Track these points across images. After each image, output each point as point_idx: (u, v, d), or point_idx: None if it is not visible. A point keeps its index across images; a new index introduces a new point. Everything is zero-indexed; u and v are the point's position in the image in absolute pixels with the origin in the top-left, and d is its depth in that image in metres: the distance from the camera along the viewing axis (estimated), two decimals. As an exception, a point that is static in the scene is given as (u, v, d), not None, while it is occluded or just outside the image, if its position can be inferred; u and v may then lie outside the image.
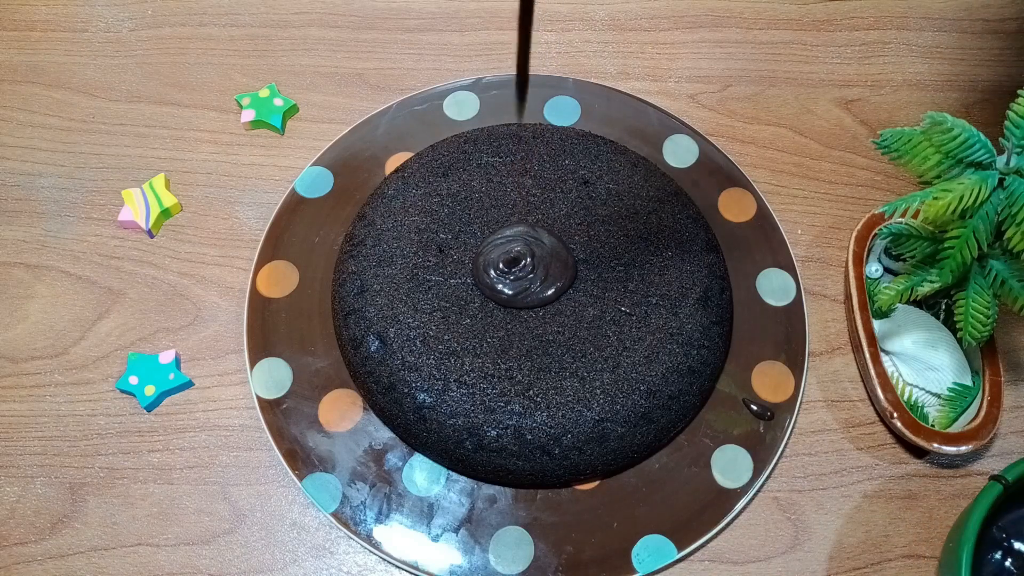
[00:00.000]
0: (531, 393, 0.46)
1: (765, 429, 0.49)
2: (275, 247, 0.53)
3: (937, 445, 0.46)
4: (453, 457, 0.47)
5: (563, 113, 0.58)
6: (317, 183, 0.55)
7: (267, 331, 0.51)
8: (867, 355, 0.48)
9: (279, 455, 0.48)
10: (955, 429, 0.47)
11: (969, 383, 0.49)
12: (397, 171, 0.54)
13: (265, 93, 0.59)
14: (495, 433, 0.46)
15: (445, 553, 0.46)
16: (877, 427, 0.50)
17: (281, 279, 0.53)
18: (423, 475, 0.48)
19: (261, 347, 0.50)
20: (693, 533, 0.46)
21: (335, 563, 0.47)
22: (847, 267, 0.51)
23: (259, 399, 0.49)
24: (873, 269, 0.52)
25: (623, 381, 0.47)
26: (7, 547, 0.46)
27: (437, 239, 0.51)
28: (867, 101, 0.61)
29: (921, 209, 0.40)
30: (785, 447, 0.49)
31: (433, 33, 0.63)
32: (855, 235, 0.52)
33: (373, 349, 0.48)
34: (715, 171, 0.56)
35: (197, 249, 0.55)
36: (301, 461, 0.47)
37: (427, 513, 0.47)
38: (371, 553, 0.47)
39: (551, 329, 0.48)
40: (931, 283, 0.45)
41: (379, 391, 0.48)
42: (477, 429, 0.46)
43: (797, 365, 0.51)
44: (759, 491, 0.48)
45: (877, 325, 0.50)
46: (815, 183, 0.58)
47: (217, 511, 0.47)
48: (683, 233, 0.52)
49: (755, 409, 0.49)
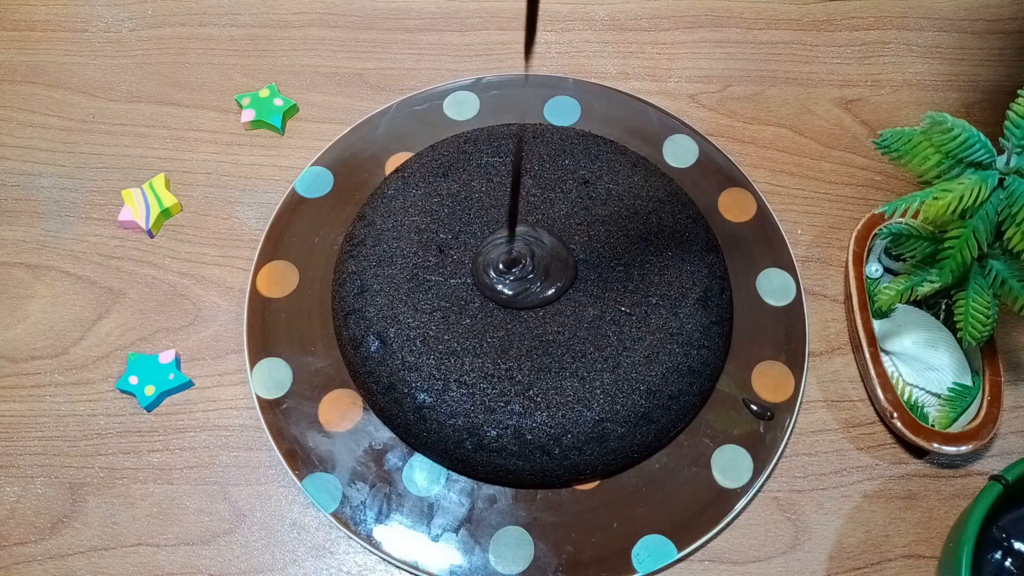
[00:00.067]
0: (531, 393, 0.46)
1: (765, 429, 0.49)
2: (275, 247, 0.53)
3: (937, 445, 0.46)
4: (453, 457, 0.47)
5: (563, 113, 0.58)
6: (317, 183, 0.55)
7: (267, 331, 0.51)
8: (867, 355, 0.48)
9: (279, 455, 0.48)
10: (955, 429, 0.47)
11: (969, 383, 0.49)
12: (397, 171, 0.54)
13: (265, 93, 0.59)
14: (495, 433, 0.46)
15: (445, 553, 0.46)
16: (877, 427, 0.50)
17: (281, 279, 0.53)
18: (423, 475, 0.48)
19: (261, 347, 0.50)
20: (693, 533, 0.46)
21: (335, 563, 0.47)
22: (847, 267, 0.51)
23: (259, 399, 0.49)
24: (873, 269, 0.52)
25: (623, 381, 0.47)
26: (7, 547, 0.46)
27: (437, 239, 0.51)
28: (867, 101, 0.61)
29: (921, 209, 0.40)
30: (785, 447, 0.49)
31: (433, 33, 0.63)
32: (855, 235, 0.52)
33: (373, 349, 0.48)
34: (715, 171, 0.56)
35: (197, 249, 0.55)
36: (301, 461, 0.47)
37: (427, 513, 0.47)
38: (371, 553, 0.47)
39: (551, 329, 0.48)
40: (931, 283, 0.45)
41: (379, 391, 0.48)
42: (477, 429, 0.46)
43: (797, 365, 0.51)
44: (759, 491, 0.48)
45: (877, 325, 0.50)
46: (815, 183, 0.58)
47: (217, 511, 0.47)
48: (683, 233, 0.52)
49: (755, 409, 0.49)
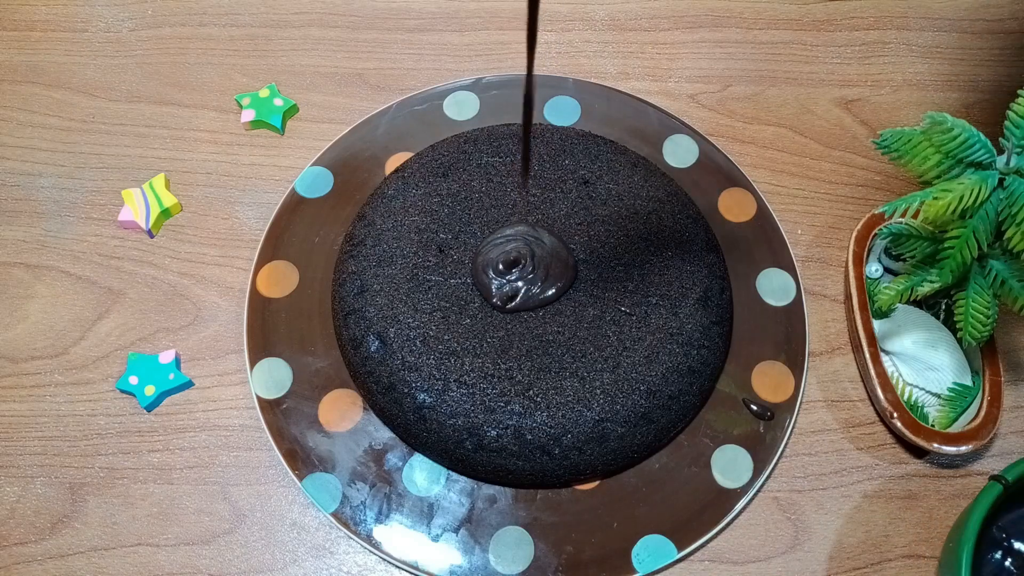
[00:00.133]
0: (531, 393, 0.46)
1: (765, 429, 0.49)
2: (275, 247, 0.53)
3: (937, 445, 0.46)
4: (453, 457, 0.47)
5: (563, 113, 0.58)
6: (317, 183, 0.55)
7: (267, 331, 0.51)
8: (867, 355, 0.48)
9: (279, 455, 0.48)
10: (955, 429, 0.47)
11: (969, 383, 0.49)
12: (397, 171, 0.54)
13: (265, 93, 0.59)
14: (495, 433, 0.46)
15: (445, 553, 0.46)
16: (877, 427, 0.50)
17: (281, 279, 0.53)
18: (423, 475, 0.48)
19: (261, 347, 0.50)
20: (693, 533, 0.46)
21: (335, 563, 0.47)
22: (847, 267, 0.51)
23: (259, 399, 0.49)
24: (873, 269, 0.52)
25: (623, 381, 0.47)
26: (7, 547, 0.46)
27: (437, 239, 0.51)
28: (867, 101, 0.61)
29: (921, 209, 0.40)
30: (785, 447, 0.49)
31: (433, 33, 0.63)
32: (855, 235, 0.52)
33: (373, 349, 0.48)
34: (715, 171, 0.56)
35: (197, 249, 0.55)
36: (301, 461, 0.47)
37: (427, 513, 0.47)
38: (371, 553, 0.47)
39: (551, 329, 0.48)
40: (931, 283, 0.45)
41: (379, 391, 0.48)
42: (477, 429, 0.46)
43: (797, 365, 0.51)
44: (759, 491, 0.48)
45: (877, 325, 0.50)
46: (815, 183, 0.58)
47: (217, 511, 0.47)
48: (683, 233, 0.52)
49: (755, 409, 0.49)
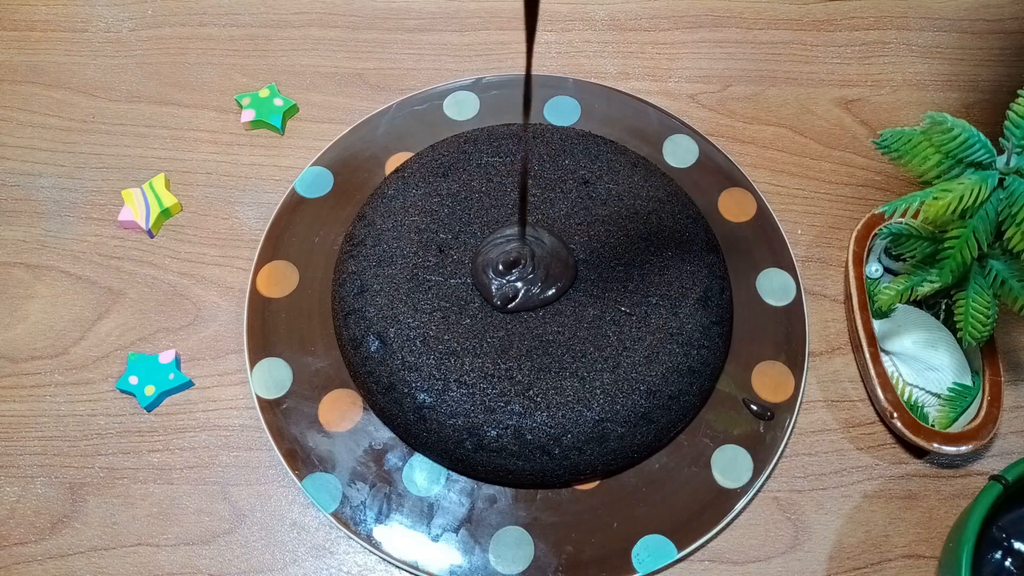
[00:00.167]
0: (531, 393, 0.46)
1: (765, 429, 0.49)
2: (275, 247, 0.53)
3: (937, 445, 0.46)
4: (453, 457, 0.47)
5: (563, 113, 0.58)
6: (317, 183, 0.55)
7: (267, 331, 0.51)
8: (867, 355, 0.48)
9: (279, 455, 0.48)
10: (955, 429, 0.47)
11: (969, 383, 0.49)
12: (397, 171, 0.54)
13: (265, 93, 0.59)
14: (495, 433, 0.46)
15: (445, 553, 0.46)
16: (877, 427, 0.50)
17: (281, 279, 0.53)
18: (423, 475, 0.48)
19: (261, 347, 0.50)
20: (693, 533, 0.46)
21: (335, 563, 0.47)
22: (847, 267, 0.51)
23: (259, 399, 0.49)
24: (873, 269, 0.52)
25: (623, 381, 0.47)
26: (7, 547, 0.46)
27: (437, 239, 0.51)
28: (867, 101, 0.61)
29: (921, 209, 0.40)
30: (785, 447, 0.49)
31: (433, 33, 0.63)
32: (855, 235, 0.52)
33: (373, 349, 0.48)
34: (715, 171, 0.56)
35: (197, 249, 0.55)
36: (301, 461, 0.47)
37: (427, 513, 0.47)
38: (371, 553, 0.47)
39: (551, 329, 0.48)
40: (931, 283, 0.45)
41: (379, 391, 0.48)
42: (477, 429, 0.46)
43: (797, 365, 0.51)
44: (759, 491, 0.48)
45: (877, 325, 0.50)
46: (815, 183, 0.58)
47: (217, 511, 0.47)
48: (683, 233, 0.52)
49: (755, 409, 0.49)
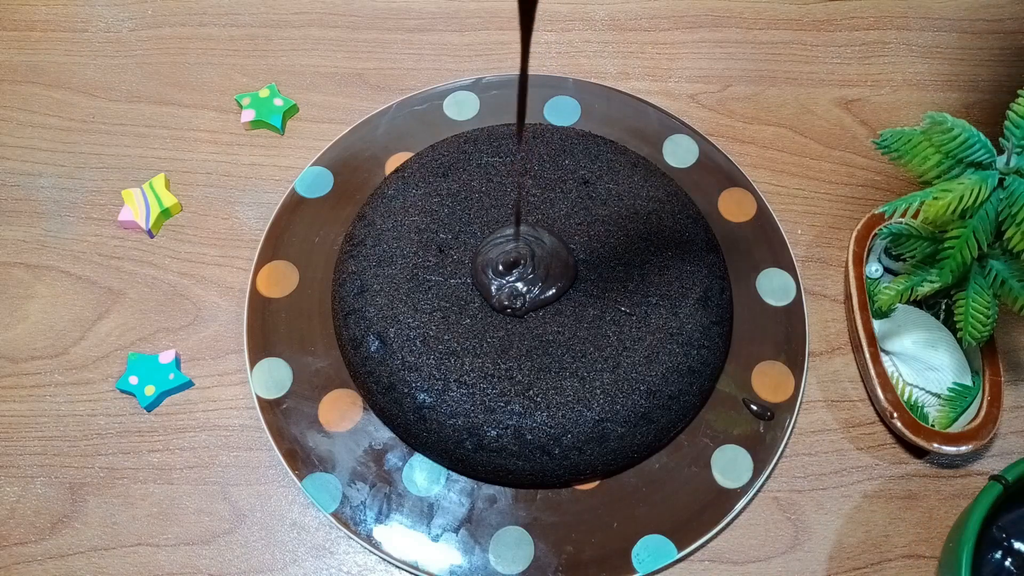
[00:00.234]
0: (531, 393, 0.46)
1: (765, 429, 0.49)
2: (275, 247, 0.53)
3: (937, 445, 0.46)
4: (453, 457, 0.47)
5: (563, 113, 0.58)
6: (317, 183, 0.55)
7: (267, 331, 0.51)
8: (867, 355, 0.48)
9: (279, 455, 0.48)
10: (955, 429, 0.47)
11: (969, 383, 0.49)
12: (397, 171, 0.54)
13: (265, 93, 0.59)
14: (495, 433, 0.46)
15: (445, 553, 0.46)
16: (877, 427, 0.50)
17: (281, 279, 0.53)
18: (423, 475, 0.48)
19: (261, 347, 0.50)
20: (693, 533, 0.46)
21: (335, 563, 0.47)
22: (847, 267, 0.51)
23: (259, 399, 0.49)
24: (873, 269, 0.52)
25: (623, 381, 0.47)
26: (7, 547, 0.46)
27: (437, 239, 0.51)
28: (867, 101, 0.61)
29: (921, 209, 0.40)
30: (785, 447, 0.49)
31: (433, 33, 0.63)
32: (855, 235, 0.52)
33: (373, 349, 0.48)
34: (715, 171, 0.56)
35: (197, 249, 0.55)
36: (301, 461, 0.47)
37: (427, 513, 0.47)
38: (371, 553, 0.47)
39: (551, 329, 0.48)
40: (931, 283, 0.45)
41: (379, 391, 0.48)
42: (477, 429, 0.46)
43: (797, 365, 0.51)
44: (759, 491, 0.48)
45: (877, 325, 0.50)
46: (815, 183, 0.58)
47: (217, 511, 0.47)
48: (683, 233, 0.52)
49: (755, 409, 0.49)
